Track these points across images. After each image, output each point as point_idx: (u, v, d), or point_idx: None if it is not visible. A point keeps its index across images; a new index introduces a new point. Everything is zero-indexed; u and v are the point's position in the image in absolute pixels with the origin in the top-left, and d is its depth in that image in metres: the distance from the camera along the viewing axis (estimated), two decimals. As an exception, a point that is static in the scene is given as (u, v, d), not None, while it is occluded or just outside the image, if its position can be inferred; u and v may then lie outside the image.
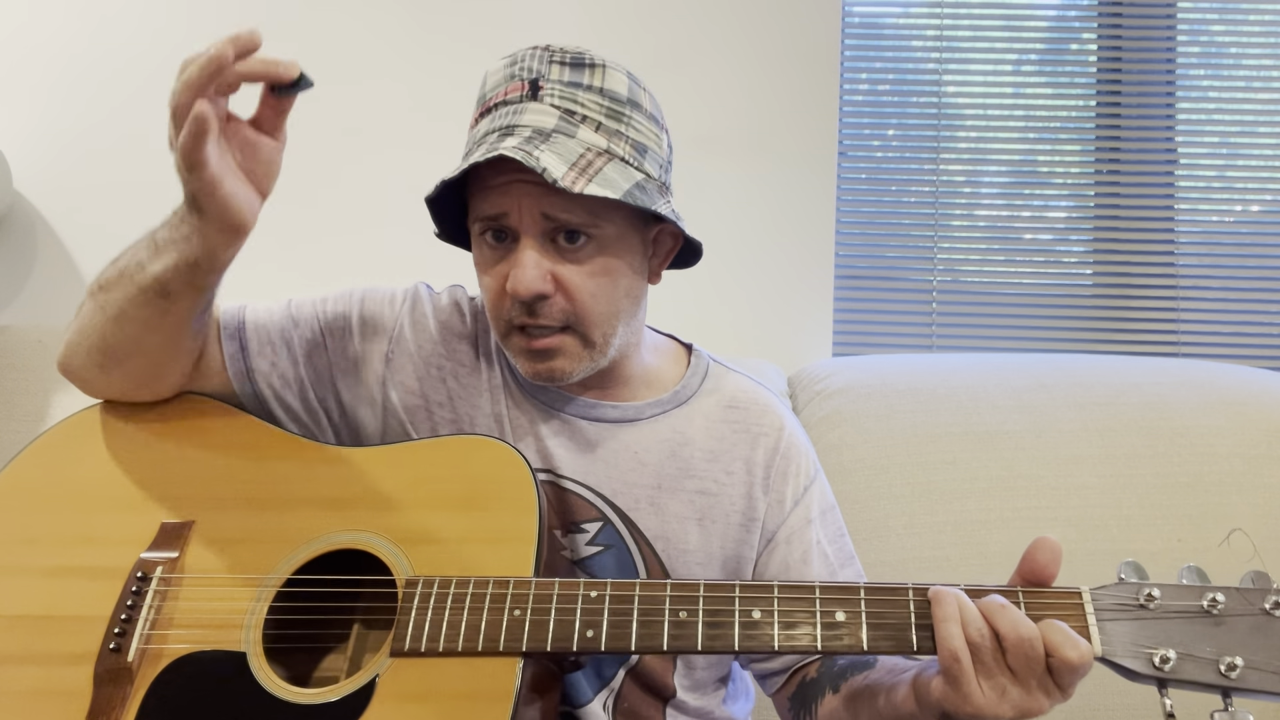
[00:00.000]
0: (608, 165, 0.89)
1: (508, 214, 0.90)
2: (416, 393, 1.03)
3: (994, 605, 0.74)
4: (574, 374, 0.96)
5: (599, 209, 0.90)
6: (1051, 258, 1.99)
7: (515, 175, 0.89)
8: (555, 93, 0.90)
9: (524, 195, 0.89)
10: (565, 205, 0.89)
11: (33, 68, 1.87)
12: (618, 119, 0.92)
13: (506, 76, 0.93)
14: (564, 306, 0.92)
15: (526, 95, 0.91)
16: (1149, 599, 0.74)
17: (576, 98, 0.91)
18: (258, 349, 1.02)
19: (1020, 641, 0.71)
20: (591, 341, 0.94)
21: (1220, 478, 1.46)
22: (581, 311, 0.92)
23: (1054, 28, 2.02)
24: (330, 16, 1.89)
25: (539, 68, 0.91)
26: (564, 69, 0.91)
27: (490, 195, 0.91)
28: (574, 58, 0.92)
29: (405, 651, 0.82)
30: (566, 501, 0.99)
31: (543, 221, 0.90)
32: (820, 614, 0.79)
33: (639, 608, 0.81)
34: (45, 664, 0.87)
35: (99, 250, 1.85)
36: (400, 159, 1.87)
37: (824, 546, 1.02)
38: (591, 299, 0.92)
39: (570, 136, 0.89)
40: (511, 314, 0.93)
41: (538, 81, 0.91)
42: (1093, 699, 1.38)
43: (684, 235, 0.99)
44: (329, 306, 1.06)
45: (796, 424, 1.08)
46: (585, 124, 0.90)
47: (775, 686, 1.03)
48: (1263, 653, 0.70)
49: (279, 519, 0.92)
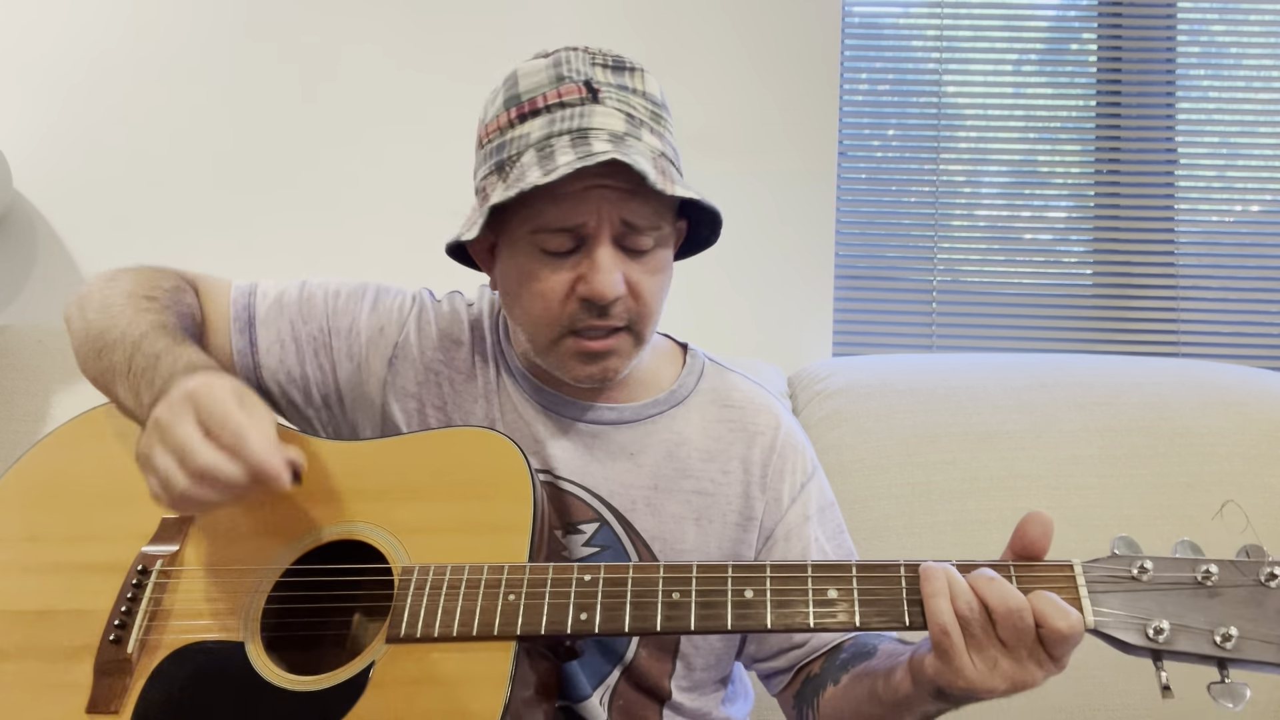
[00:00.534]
0: (669, 167, 0.91)
1: (585, 223, 0.88)
2: (414, 396, 1.03)
3: (982, 578, 0.74)
4: (622, 372, 0.96)
5: (662, 211, 0.92)
6: (1051, 258, 1.99)
7: (593, 181, 0.87)
8: (613, 95, 0.90)
9: (603, 201, 0.88)
10: (642, 211, 0.89)
11: (33, 68, 1.88)
12: (659, 121, 0.93)
13: (554, 78, 0.90)
14: (630, 306, 0.92)
15: (588, 99, 0.89)
16: (1142, 571, 0.74)
17: (630, 101, 0.91)
18: (266, 346, 1.03)
19: (1009, 613, 0.71)
20: (643, 339, 0.96)
21: (1220, 478, 1.46)
22: (644, 311, 0.93)
23: (1054, 28, 2.02)
24: (330, 16, 1.89)
25: (586, 70, 0.91)
26: (608, 71, 0.91)
27: (564, 203, 0.88)
28: (614, 60, 0.92)
29: (401, 638, 0.82)
30: (564, 503, 0.99)
31: (621, 226, 0.89)
32: (812, 592, 0.79)
33: (632, 589, 0.81)
34: (46, 658, 0.87)
35: (99, 250, 1.86)
36: (400, 159, 1.87)
37: (822, 543, 1.02)
38: (653, 298, 0.94)
39: (638, 139, 0.89)
40: (576, 317, 0.91)
41: (592, 84, 0.90)
42: (1093, 699, 1.37)
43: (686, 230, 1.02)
44: (340, 303, 1.06)
45: (793, 421, 1.08)
46: (643, 127, 0.91)
47: (780, 686, 1.03)
48: (1259, 623, 0.70)
49: (278, 512, 0.92)
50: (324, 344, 1.04)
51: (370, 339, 1.04)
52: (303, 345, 1.03)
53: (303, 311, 1.05)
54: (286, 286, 1.07)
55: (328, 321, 1.05)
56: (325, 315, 1.05)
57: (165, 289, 0.99)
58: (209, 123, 1.87)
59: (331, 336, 1.04)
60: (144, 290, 0.97)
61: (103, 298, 0.96)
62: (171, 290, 0.99)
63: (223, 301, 1.05)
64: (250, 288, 1.06)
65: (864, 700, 0.87)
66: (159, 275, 1.01)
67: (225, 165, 1.87)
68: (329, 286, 1.07)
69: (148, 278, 1.00)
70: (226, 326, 1.03)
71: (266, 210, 1.87)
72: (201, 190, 1.86)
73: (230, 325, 1.03)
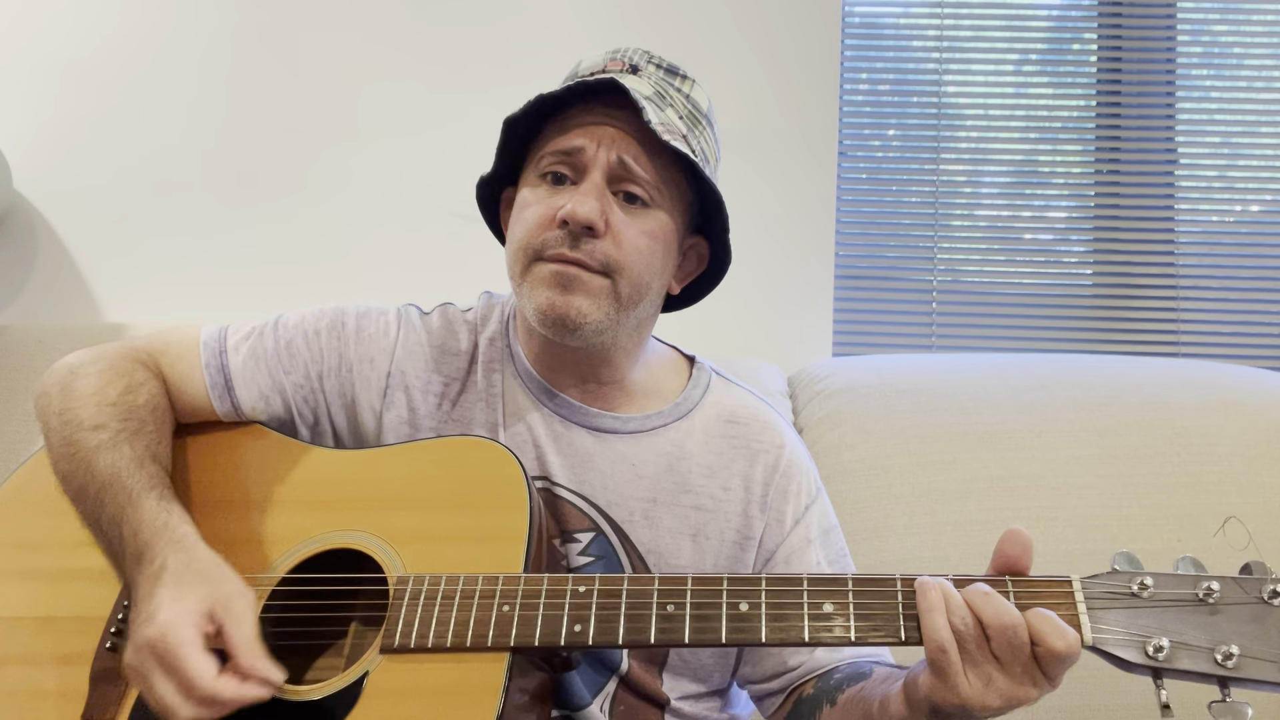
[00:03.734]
0: (686, 145, 0.94)
1: (584, 149, 0.93)
2: (408, 423, 1.02)
3: (977, 593, 0.73)
4: (589, 320, 0.93)
5: (664, 183, 0.95)
6: (1051, 258, 1.99)
7: (604, 116, 0.93)
8: (653, 77, 0.98)
9: (607, 136, 0.93)
10: (642, 160, 0.93)
11: (33, 67, 1.88)
12: (695, 123, 0.98)
13: (607, 56, 0.99)
14: (609, 250, 0.93)
15: (627, 70, 0.97)
16: (1142, 588, 0.73)
17: (667, 89, 0.98)
18: (250, 405, 1.01)
19: (1004, 629, 0.71)
20: (619, 293, 0.94)
21: (1220, 478, 1.45)
22: (624, 261, 0.93)
23: (1054, 28, 2.02)
24: (330, 17, 1.88)
25: (638, 59, 0.99)
26: (660, 70, 0.99)
27: (572, 129, 0.94)
28: (670, 65, 1.00)
29: (395, 648, 0.82)
30: (561, 511, 0.99)
31: (617, 166, 0.93)
32: (808, 605, 0.78)
33: (626, 602, 0.81)
34: (43, 665, 0.88)
35: (99, 250, 1.86)
36: (400, 160, 1.87)
37: (824, 568, 1.01)
38: (635, 251, 0.94)
39: (661, 109, 0.95)
40: (549, 242, 0.92)
41: (637, 67, 0.98)
42: (1092, 699, 1.37)
43: (709, 259, 1.04)
44: (323, 343, 1.03)
45: (798, 442, 1.07)
46: (670, 108, 0.96)
47: (772, 708, 1.01)
48: (1261, 642, 0.69)
49: (275, 520, 0.93)
50: (312, 389, 1.02)
51: (360, 373, 1.02)
52: (289, 396, 1.01)
53: (283, 362, 1.02)
54: (260, 332, 1.03)
55: (311, 367, 1.02)
56: (307, 361, 1.02)
57: (118, 410, 0.94)
58: (209, 123, 1.87)
59: (320, 381, 1.02)
60: (94, 418, 0.93)
61: (62, 429, 0.93)
62: (124, 405, 0.94)
63: (193, 363, 1.01)
64: (219, 342, 1.02)
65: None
66: (113, 376, 0.96)
67: (225, 165, 1.87)
68: (305, 326, 1.04)
69: (101, 389, 0.95)
70: (205, 395, 1.00)
71: (266, 210, 1.87)
72: (201, 190, 1.86)
73: (209, 394, 1.00)
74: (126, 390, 0.95)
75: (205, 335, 1.03)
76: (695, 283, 1.07)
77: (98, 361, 0.98)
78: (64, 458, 0.93)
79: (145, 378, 0.98)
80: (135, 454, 0.91)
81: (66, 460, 0.92)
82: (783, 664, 0.98)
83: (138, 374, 0.98)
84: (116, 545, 0.87)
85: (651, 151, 0.93)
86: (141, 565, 0.83)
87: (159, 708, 0.77)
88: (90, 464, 0.90)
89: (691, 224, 1.02)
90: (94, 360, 0.98)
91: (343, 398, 1.02)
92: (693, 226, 1.02)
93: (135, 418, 0.94)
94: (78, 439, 0.92)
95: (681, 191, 0.98)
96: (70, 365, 0.99)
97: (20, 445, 1.54)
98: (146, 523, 0.85)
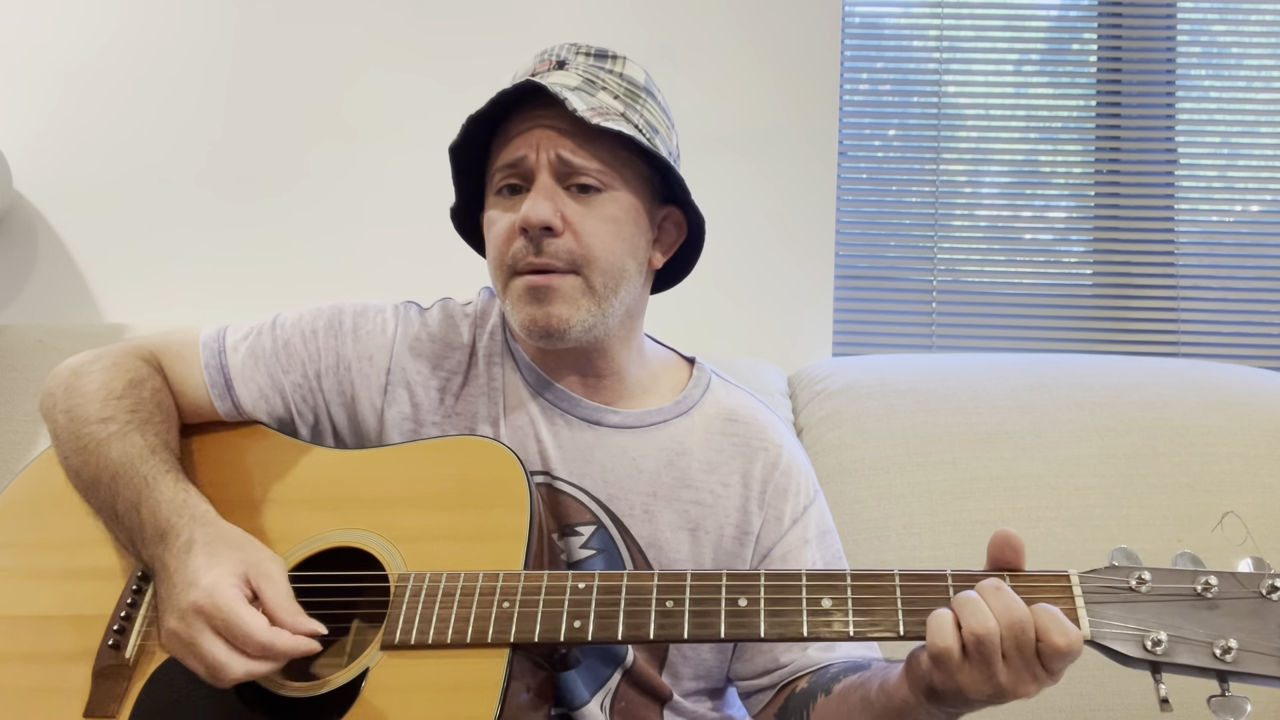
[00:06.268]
0: (622, 122, 0.95)
1: (526, 156, 0.94)
2: (410, 418, 1.02)
3: (989, 588, 0.73)
4: (573, 325, 0.94)
5: (612, 165, 0.95)
6: (1051, 258, 1.99)
7: (536, 120, 0.95)
8: (580, 66, 0.99)
9: (542, 138, 0.94)
10: (581, 151, 0.94)
11: (33, 68, 1.88)
12: (634, 98, 0.98)
13: (536, 59, 1.01)
14: (571, 247, 0.93)
15: (553, 67, 0.99)
16: (1140, 582, 0.73)
17: (598, 74, 0.99)
18: (251, 404, 1.01)
19: (1013, 624, 0.71)
20: (593, 287, 0.95)
21: (1220, 478, 1.46)
22: (589, 253, 0.94)
23: (1054, 28, 2.02)
24: (330, 17, 1.89)
25: (565, 54, 1.00)
26: (588, 58, 1.00)
27: (511, 140, 0.96)
28: (599, 50, 1.00)
29: (395, 644, 0.83)
30: (561, 504, 0.99)
31: (559, 164, 0.94)
32: (806, 601, 0.79)
33: (626, 598, 0.81)
34: (46, 662, 0.88)
35: (99, 250, 1.86)
36: (398, 159, 1.87)
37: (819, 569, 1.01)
38: (598, 240, 0.94)
39: (591, 95, 0.96)
40: (517, 254, 0.94)
41: (564, 61, 0.99)
42: (1092, 698, 1.37)
43: (688, 228, 1.03)
44: (320, 341, 1.04)
45: (797, 444, 1.08)
46: (603, 92, 0.97)
47: (761, 704, 1.01)
48: (1259, 636, 0.69)
49: (277, 519, 0.93)
50: (311, 389, 1.02)
51: (359, 370, 1.03)
52: (288, 396, 1.02)
53: (281, 361, 1.02)
54: (258, 331, 1.04)
55: (309, 367, 1.02)
56: (305, 361, 1.03)
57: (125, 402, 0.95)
58: (209, 123, 1.87)
59: (319, 380, 1.02)
60: (101, 412, 0.94)
61: (70, 425, 0.95)
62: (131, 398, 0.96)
63: (193, 362, 1.02)
64: (218, 342, 1.03)
65: (857, 708, 0.86)
66: (117, 373, 0.97)
67: (225, 165, 1.87)
68: (303, 325, 1.04)
69: (106, 384, 0.96)
70: (205, 394, 1.01)
71: (265, 210, 1.87)
72: (201, 190, 1.86)
73: (209, 392, 1.01)
74: (131, 385, 0.97)
75: (204, 335, 1.04)
76: (684, 253, 1.06)
77: (100, 360, 0.99)
78: (74, 452, 0.94)
79: (149, 373, 1.00)
80: (146, 442, 0.92)
81: (77, 454, 0.93)
82: (774, 660, 0.99)
83: (141, 370, 0.99)
84: (135, 529, 0.88)
85: (589, 139, 0.94)
86: (167, 542, 0.85)
87: (210, 668, 0.78)
88: (102, 455, 0.91)
89: (658, 195, 1.02)
90: (96, 359, 1.00)
91: (342, 396, 1.03)
92: (661, 198, 1.02)
93: (143, 409, 0.95)
94: (87, 433, 0.93)
95: (636, 168, 0.98)
96: (72, 366, 1.00)
97: (20, 445, 1.54)
98: (165, 502, 0.87)
